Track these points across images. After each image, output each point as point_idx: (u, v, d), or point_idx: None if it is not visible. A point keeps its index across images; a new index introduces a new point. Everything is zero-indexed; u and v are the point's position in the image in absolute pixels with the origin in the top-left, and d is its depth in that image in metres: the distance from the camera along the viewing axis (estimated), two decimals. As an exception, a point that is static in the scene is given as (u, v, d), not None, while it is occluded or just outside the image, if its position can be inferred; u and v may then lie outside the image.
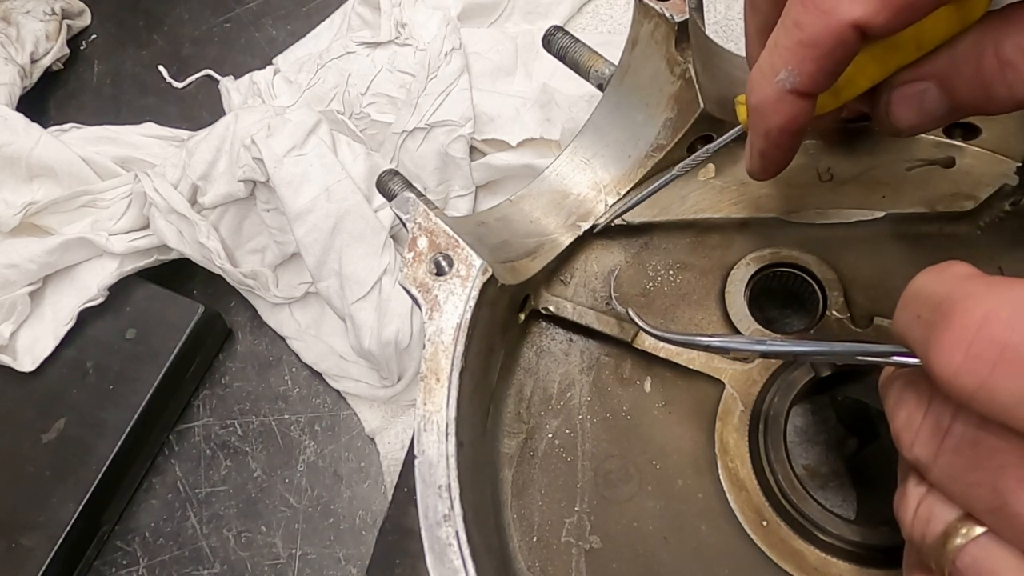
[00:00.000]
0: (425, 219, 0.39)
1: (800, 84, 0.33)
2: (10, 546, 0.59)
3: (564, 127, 0.63)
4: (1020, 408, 0.23)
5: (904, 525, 0.30)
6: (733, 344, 0.37)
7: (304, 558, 0.61)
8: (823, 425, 0.54)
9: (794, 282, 0.46)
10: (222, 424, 0.66)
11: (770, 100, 0.34)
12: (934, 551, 0.28)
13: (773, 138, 0.35)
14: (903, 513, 0.30)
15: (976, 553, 0.26)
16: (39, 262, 0.64)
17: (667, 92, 0.44)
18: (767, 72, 0.33)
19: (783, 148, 0.36)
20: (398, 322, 0.59)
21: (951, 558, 0.27)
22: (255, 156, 0.62)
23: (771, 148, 0.36)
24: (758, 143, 0.37)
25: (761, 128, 0.35)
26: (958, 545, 0.26)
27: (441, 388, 0.36)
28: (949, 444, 0.26)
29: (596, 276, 0.47)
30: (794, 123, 0.34)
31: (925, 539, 0.28)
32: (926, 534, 0.28)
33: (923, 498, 0.29)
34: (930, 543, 0.28)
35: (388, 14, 0.69)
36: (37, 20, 0.79)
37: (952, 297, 0.25)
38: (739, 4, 0.71)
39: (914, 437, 0.28)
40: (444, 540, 0.33)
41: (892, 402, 0.30)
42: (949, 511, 0.27)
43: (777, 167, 0.38)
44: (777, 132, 0.35)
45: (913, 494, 0.29)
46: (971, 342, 0.23)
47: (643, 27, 0.43)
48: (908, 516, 0.29)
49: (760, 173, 0.39)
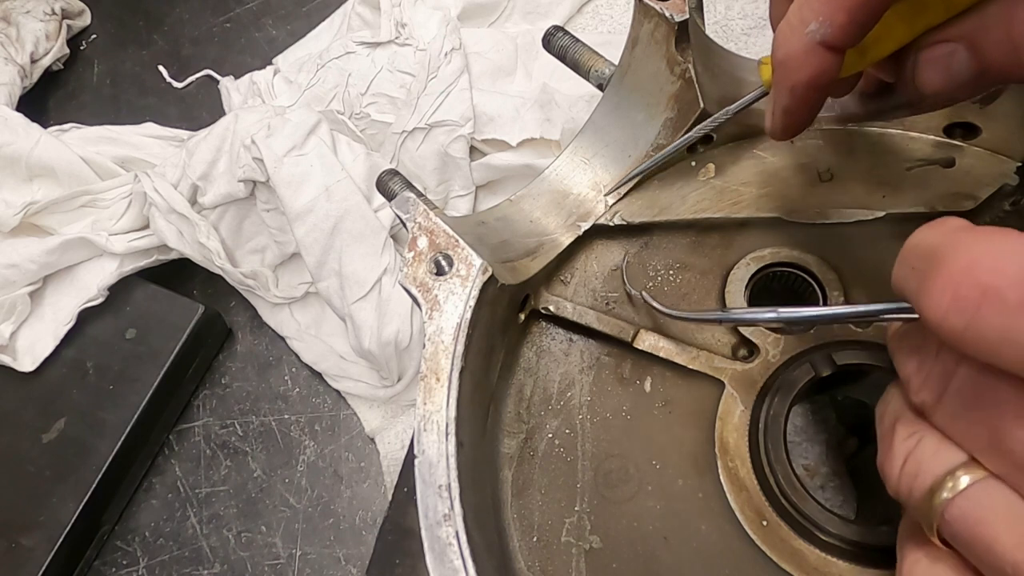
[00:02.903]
0: (425, 219, 0.39)
1: (831, 36, 0.33)
2: (10, 546, 0.59)
3: (564, 127, 0.63)
4: (1004, 346, 0.23)
5: (890, 482, 0.30)
6: (744, 315, 0.37)
7: (304, 558, 0.61)
8: (823, 425, 0.53)
9: (794, 282, 0.46)
10: (222, 424, 0.66)
11: (798, 53, 0.34)
12: (922, 506, 0.28)
13: (799, 93, 0.35)
14: (889, 469, 0.30)
15: (965, 503, 0.26)
16: (39, 262, 0.64)
17: (667, 92, 0.44)
18: (796, 25, 0.33)
19: (808, 104, 0.36)
20: (398, 322, 0.59)
21: (939, 511, 0.27)
22: (255, 156, 0.62)
23: (796, 104, 0.36)
24: (782, 99, 0.36)
25: (787, 83, 0.35)
26: (946, 498, 0.27)
27: (441, 388, 0.36)
28: (953, 386, 0.27)
29: (596, 276, 0.47)
30: (821, 77, 0.34)
31: (912, 494, 0.28)
32: (913, 489, 0.28)
33: (911, 453, 0.29)
34: (918, 498, 0.28)
35: (388, 14, 0.69)
36: (37, 20, 0.79)
37: (942, 247, 0.26)
38: (739, 4, 0.71)
39: (922, 382, 0.28)
40: (444, 540, 0.33)
41: (903, 354, 0.30)
42: (938, 464, 0.27)
43: (799, 125, 0.38)
44: (804, 87, 0.35)
45: (900, 450, 0.29)
46: (957, 285, 0.24)
47: (643, 27, 0.43)
48: (895, 472, 0.29)
49: (781, 132, 0.38)
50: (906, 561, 0.31)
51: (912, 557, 0.30)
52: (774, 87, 0.37)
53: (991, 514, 0.26)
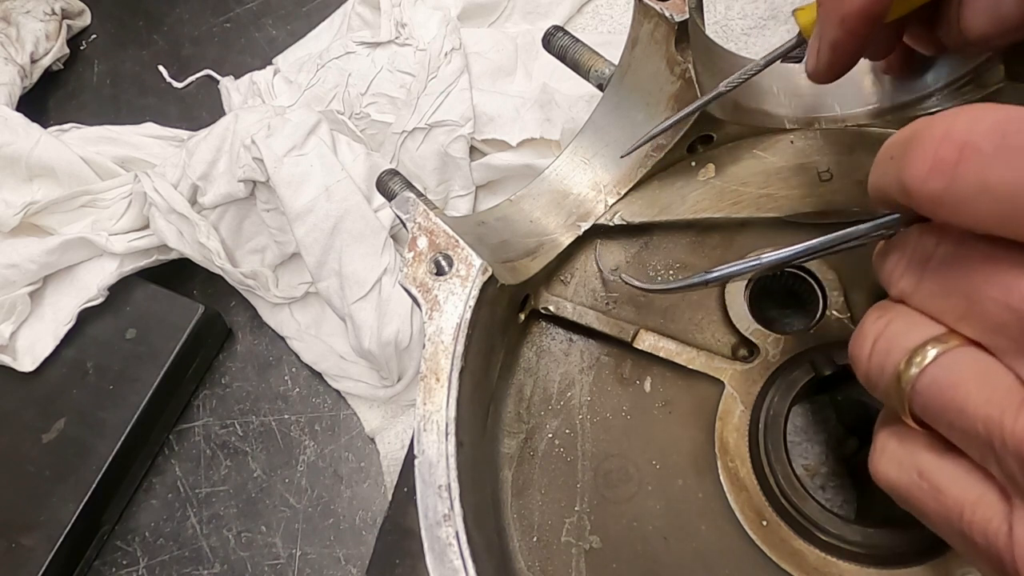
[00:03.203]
0: (425, 219, 0.39)
1: None
2: (10, 546, 0.59)
3: (564, 127, 0.63)
4: (981, 198, 0.24)
5: (860, 364, 0.30)
6: (725, 270, 0.37)
7: (304, 558, 0.61)
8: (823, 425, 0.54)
9: (794, 282, 0.46)
10: (222, 424, 0.66)
11: None
12: (892, 384, 0.28)
13: (849, 25, 0.34)
14: (859, 351, 0.30)
15: (936, 370, 0.27)
16: (39, 262, 0.64)
17: (667, 92, 0.44)
18: None
19: (857, 38, 0.35)
20: (398, 322, 0.59)
21: (910, 384, 0.27)
22: (255, 156, 0.62)
23: (845, 38, 0.35)
24: (831, 33, 0.35)
25: (837, 15, 0.34)
26: (917, 371, 0.27)
27: (441, 388, 0.36)
28: (931, 267, 0.28)
29: (596, 276, 0.47)
30: (873, 7, 0.34)
31: (883, 374, 0.29)
32: (884, 367, 0.28)
33: (881, 333, 0.29)
34: (889, 375, 0.28)
35: (388, 14, 0.69)
36: (37, 20, 0.79)
37: (918, 129, 0.26)
38: (739, 4, 0.71)
39: (902, 271, 0.29)
40: (444, 540, 0.33)
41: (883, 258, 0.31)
42: (910, 339, 0.28)
43: (844, 64, 0.37)
44: (855, 17, 0.34)
45: (870, 331, 0.30)
46: (936, 150, 0.25)
47: (643, 27, 0.43)
48: (864, 354, 0.30)
49: (826, 71, 0.37)
50: (877, 443, 0.31)
51: (883, 439, 0.31)
52: (821, 21, 0.36)
53: (962, 378, 0.26)
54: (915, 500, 0.29)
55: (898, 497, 0.30)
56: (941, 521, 0.28)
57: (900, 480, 0.29)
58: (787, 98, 0.48)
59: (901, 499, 0.30)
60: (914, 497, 0.29)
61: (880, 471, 0.31)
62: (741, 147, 0.48)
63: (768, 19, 0.70)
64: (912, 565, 0.38)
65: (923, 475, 0.28)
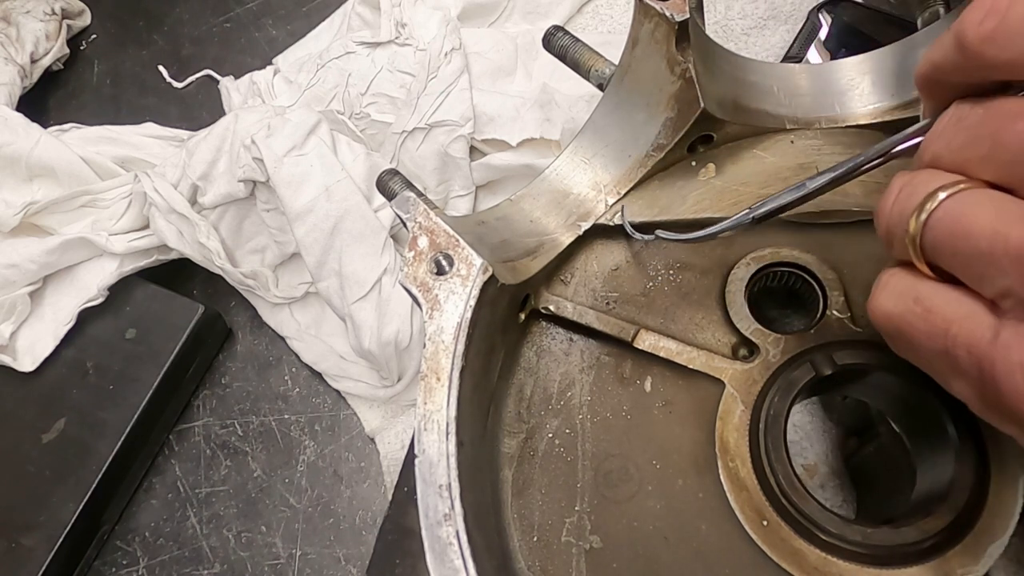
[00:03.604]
0: (425, 218, 0.39)
1: None
2: (10, 546, 0.59)
3: (564, 127, 0.63)
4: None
5: (883, 215, 0.32)
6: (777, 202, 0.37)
7: (304, 558, 0.61)
8: (823, 425, 0.54)
9: (794, 282, 0.46)
10: (222, 424, 0.66)
11: None
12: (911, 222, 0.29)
13: None
14: (884, 202, 0.32)
15: (951, 203, 0.28)
16: (39, 262, 0.64)
17: (667, 92, 0.44)
18: None
19: None
20: (398, 322, 0.59)
21: (925, 219, 0.29)
22: (255, 156, 0.62)
23: None
24: None
25: None
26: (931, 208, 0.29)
27: (441, 387, 0.36)
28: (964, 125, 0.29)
29: (596, 276, 0.47)
30: None
31: (903, 215, 0.30)
32: (904, 211, 0.30)
33: (907, 183, 0.31)
34: (907, 217, 0.30)
35: (388, 14, 0.69)
36: (37, 20, 0.79)
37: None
38: (739, 4, 0.71)
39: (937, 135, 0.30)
40: (444, 539, 0.33)
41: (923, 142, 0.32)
42: (931, 184, 0.29)
43: None
44: None
45: (896, 184, 0.31)
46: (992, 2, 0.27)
47: (643, 27, 0.43)
48: (888, 204, 0.31)
49: None
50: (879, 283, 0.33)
51: (885, 278, 0.32)
52: None
53: (975, 208, 0.27)
54: (907, 325, 0.30)
55: (892, 328, 0.32)
56: (927, 339, 0.30)
57: (896, 308, 0.31)
58: (787, 98, 0.48)
59: (895, 330, 0.32)
60: (907, 322, 0.30)
61: (879, 305, 0.32)
62: (741, 147, 0.48)
63: (768, 19, 0.70)
64: (912, 565, 0.38)
65: (918, 301, 0.30)
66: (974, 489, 0.38)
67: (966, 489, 0.38)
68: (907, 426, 0.44)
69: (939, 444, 0.40)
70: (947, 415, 0.40)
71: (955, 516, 0.38)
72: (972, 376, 0.28)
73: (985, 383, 0.27)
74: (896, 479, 0.45)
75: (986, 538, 0.38)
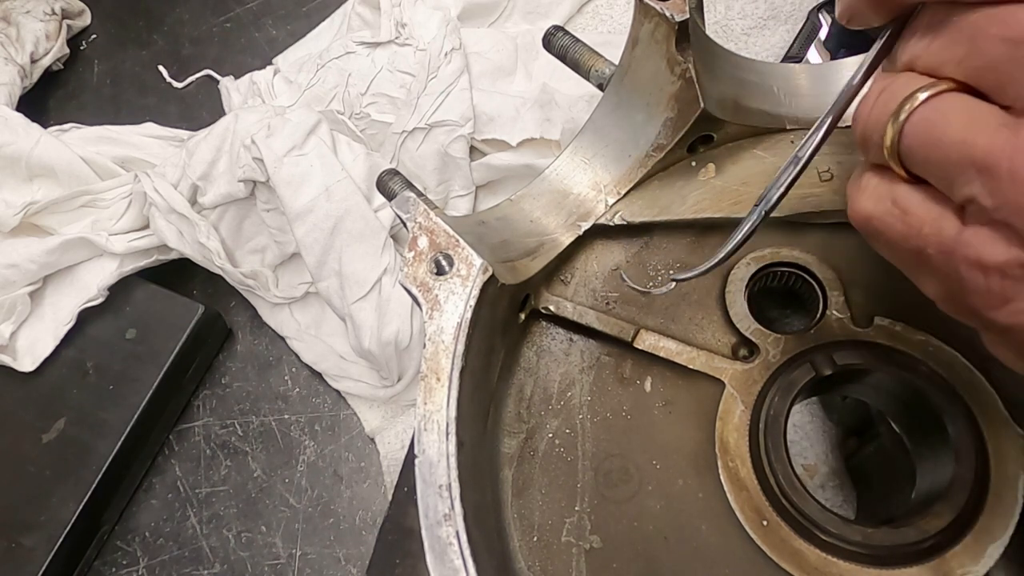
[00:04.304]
0: (425, 218, 0.39)
1: None
2: (10, 546, 0.59)
3: (564, 127, 0.63)
4: None
5: (860, 119, 0.33)
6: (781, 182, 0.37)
7: (304, 558, 0.61)
8: (823, 425, 0.54)
9: (794, 282, 0.46)
10: (222, 424, 0.66)
11: None
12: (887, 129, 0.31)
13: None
14: (863, 106, 0.33)
15: (927, 108, 0.29)
16: (39, 262, 0.64)
17: (667, 92, 0.44)
18: None
19: None
20: (398, 322, 0.59)
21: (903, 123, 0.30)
22: (255, 156, 0.62)
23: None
24: None
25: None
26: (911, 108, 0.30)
27: (442, 387, 0.36)
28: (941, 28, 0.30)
29: (596, 276, 0.47)
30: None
31: (880, 121, 0.31)
32: (882, 116, 0.31)
33: (885, 87, 0.32)
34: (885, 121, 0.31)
35: (388, 14, 0.69)
36: (37, 20, 0.79)
37: None
38: (739, 4, 0.71)
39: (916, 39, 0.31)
40: (444, 539, 0.33)
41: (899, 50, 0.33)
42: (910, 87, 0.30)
43: None
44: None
45: (876, 89, 0.32)
46: None
47: (643, 27, 0.43)
48: (867, 108, 0.32)
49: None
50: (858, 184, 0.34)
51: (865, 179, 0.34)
52: None
53: (950, 114, 0.29)
54: (885, 226, 0.32)
55: (870, 228, 0.34)
56: (902, 239, 0.32)
57: (875, 209, 0.33)
58: (787, 98, 0.48)
59: (873, 230, 0.33)
60: (885, 223, 0.32)
61: (859, 206, 0.34)
62: (741, 147, 0.48)
63: (768, 19, 0.70)
64: (912, 565, 0.38)
65: (896, 202, 0.32)
66: (974, 489, 0.38)
67: (966, 489, 0.38)
68: (907, 426, 0.45)
69: (939, 444, 0.40)
70: (947, 415, 0.40)
71: (955, 516, 0.38)
72: (940, 274, 0.30)
73: (950, 280, 0.30)
74: (896, 479, 0.45)
75: (986, 538, 0.38)
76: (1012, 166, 0.26)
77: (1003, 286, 0.28)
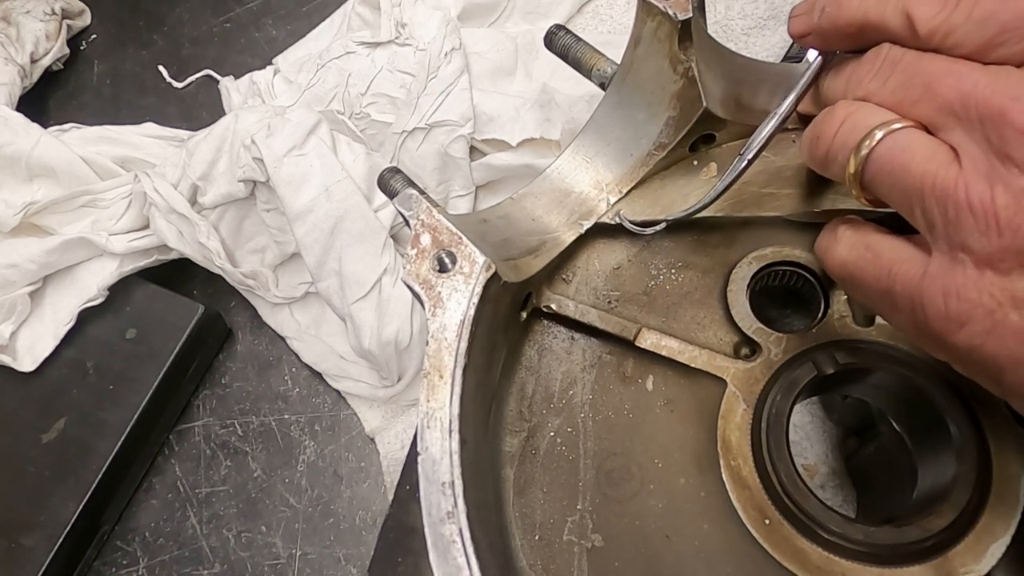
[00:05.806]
0: (428, 215, 0.39)
1: None
2: (10, 546, 0.59)
3: (564, 127, 0.63)
4: None
5: (824, 140, 0.36)
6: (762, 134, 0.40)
7: (304, 558, 0.61)
8: (823, 425, 0.54)
9: (796, 281, 0.46)
10: (222, 424, 0.66)
11: None
12: (851, 155, 0.34)
13: None
14: (828, 127, 0.36)
15: (891, 140, 0.33)
16: (39, 262, 0.64)
17: (670, 91, 0.44)
18: None
19: None
20: (398, 322, 0.59)
21: (868, 152, 0.33)
22: (255, 156, 0.62)
23: None
24: None
25: None
26: (875, 140, 0.33)
27: (444, 385, 0.36)
28: (899, 67, 0.34)
29: (598, 274, 0.47)
30: None
31: (845, 146, 0.35)
32: (847, 141, 0.35)
33: (850, 114, 0.35)
34: (850, 147, 0.34)
35: (388, 14, 0.69)
36: (37, 20, 0.79)
37: None
38: (739, 4, 0.71)
39: (872, 76, 0.35)
40: (448, 537, 0.33)
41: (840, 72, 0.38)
42: (873, 120, 0.34)
43: None
44: None
45: (841, 113, 0.36)
46: None
47: (646, 25, 0.43)
48: (831, 130, 0.36)
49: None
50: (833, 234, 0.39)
51: (840, 230, 0.38)
52: None
53: (912, 147, 0.32)
54: (859, 269, 0.36)
55: (845, 273, 0.37)
56: (874, 281, 0.35)
57: (850, 255, 0.37)
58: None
59: (848, 274, 0.37)
60: (859, 267, 0.36)
61: (836, 253, 0.38)
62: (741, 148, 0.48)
63: (768, 19, 0.70)
64: (915, 564, 0.38)
65: (869, 247, 0.36)
66: (976, 488, 0.38)
67: (968, 488, 0.38)
68: (908, 425, 0.45)
69: (941, 443, 0.40)
70: (949, 414, 0.40)
71: (957, 515, 0.38)
72: (907, 309, 0.33)
73: (916, 312, 0.32)
74: (896, 478, 0.45)
75: (988, 537, 0.38)
76: (967, 198, 0.30)
77: (959, 310, 0.30)
